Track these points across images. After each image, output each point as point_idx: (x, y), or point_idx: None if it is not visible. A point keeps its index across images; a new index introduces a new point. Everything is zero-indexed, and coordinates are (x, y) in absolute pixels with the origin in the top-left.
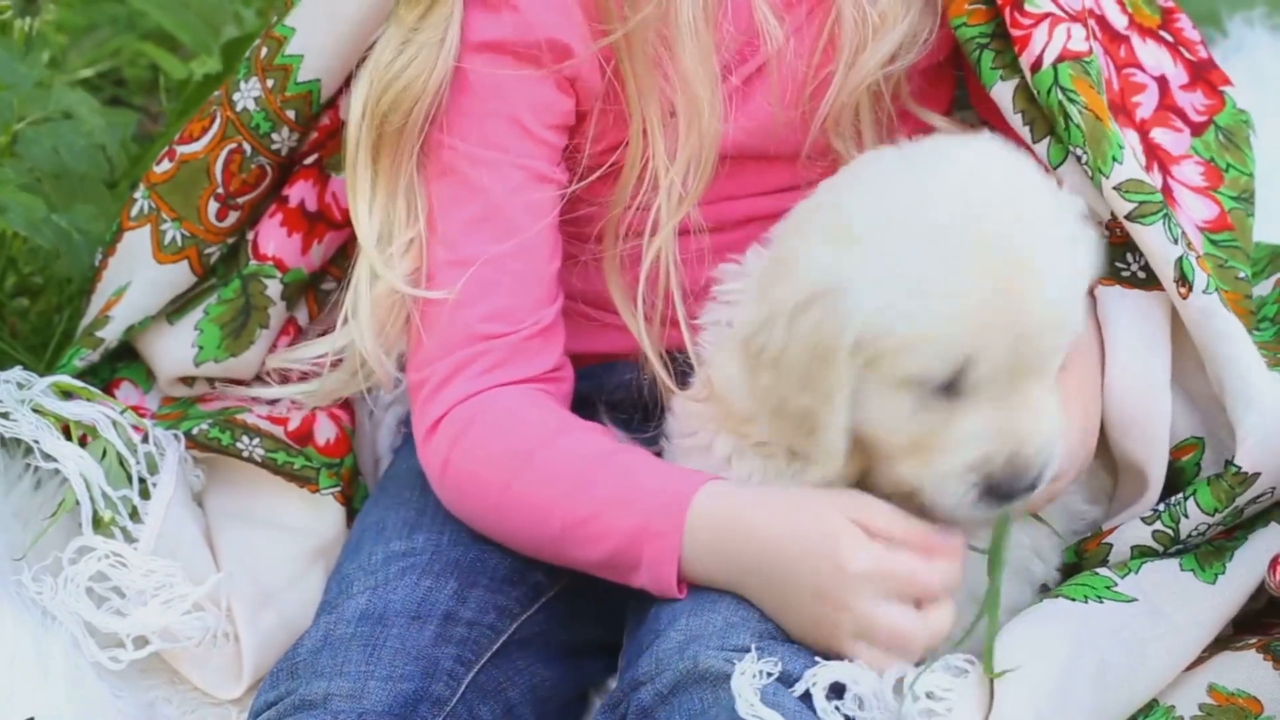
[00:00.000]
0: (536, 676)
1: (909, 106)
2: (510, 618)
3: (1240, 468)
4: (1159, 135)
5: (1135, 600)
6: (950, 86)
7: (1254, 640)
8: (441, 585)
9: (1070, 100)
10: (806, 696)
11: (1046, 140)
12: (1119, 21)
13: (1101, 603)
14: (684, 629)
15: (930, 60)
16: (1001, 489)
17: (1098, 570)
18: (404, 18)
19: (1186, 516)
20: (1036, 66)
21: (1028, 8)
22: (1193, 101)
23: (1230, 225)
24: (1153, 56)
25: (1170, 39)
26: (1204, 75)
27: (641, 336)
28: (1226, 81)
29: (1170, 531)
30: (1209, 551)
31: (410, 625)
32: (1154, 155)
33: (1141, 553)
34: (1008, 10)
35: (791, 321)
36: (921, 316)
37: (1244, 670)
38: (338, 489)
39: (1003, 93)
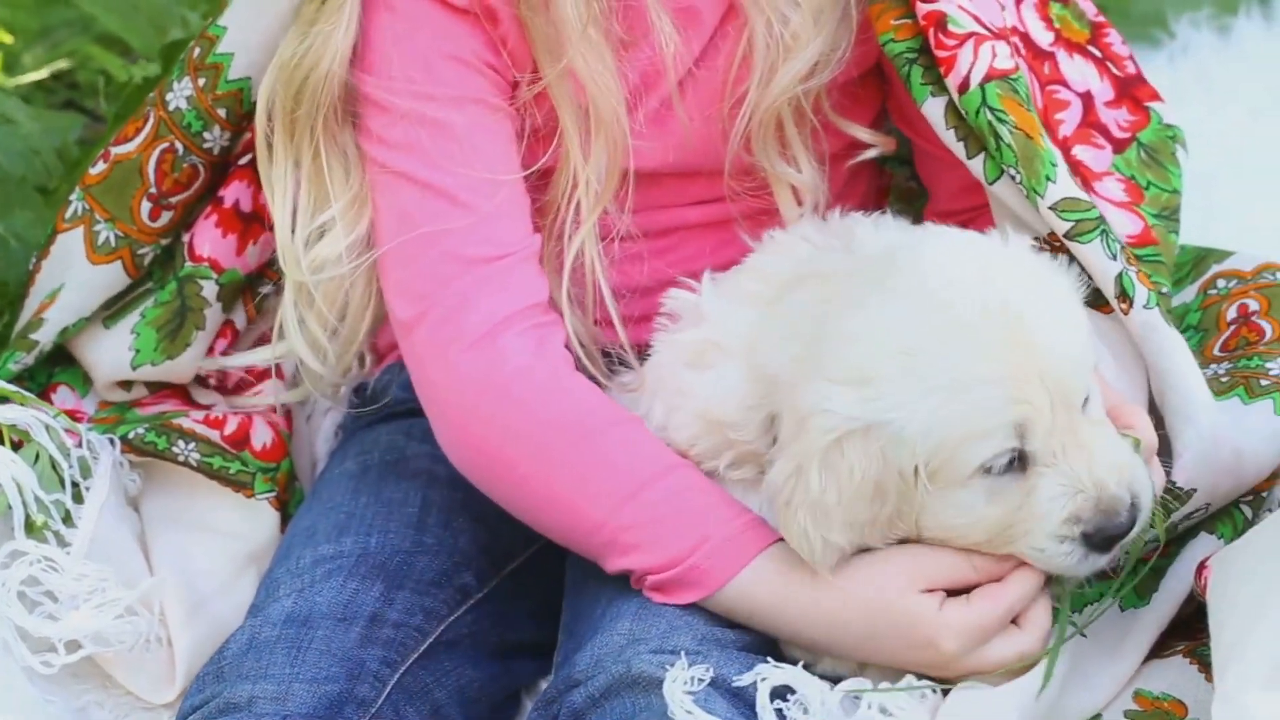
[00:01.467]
0: (464, 678)
1: (831, 119)
2: (437, 619)
3: (1176, 483)
4: (1080, 152)
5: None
6: (875, 99)
7: (1181, 646)
8: (368, 587)
9: (1000, 120)
10: (745, 697)
11: (981, 157)
12: (1043, 38)
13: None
14: (626, 631)
15: (850, 74)
16: (1104, 534)
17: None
18: (304, 12)
19: None
20: (964, 87)
21: (951, 28)
22: (1117, 118)
23: (1154, 239)
24: (1079, 72)
25: (1098, 54)
26: (1130, 91)
27: (572, 336)
28: (1155, 97)
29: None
30: (1148, 578)
31: (336, 627)
32: (1077, 172)
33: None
34: (931, 31)
35: (828, 465)
36: (970, 412)
37: (1170, 675)
38: (273, 494)
39: (933, 109)
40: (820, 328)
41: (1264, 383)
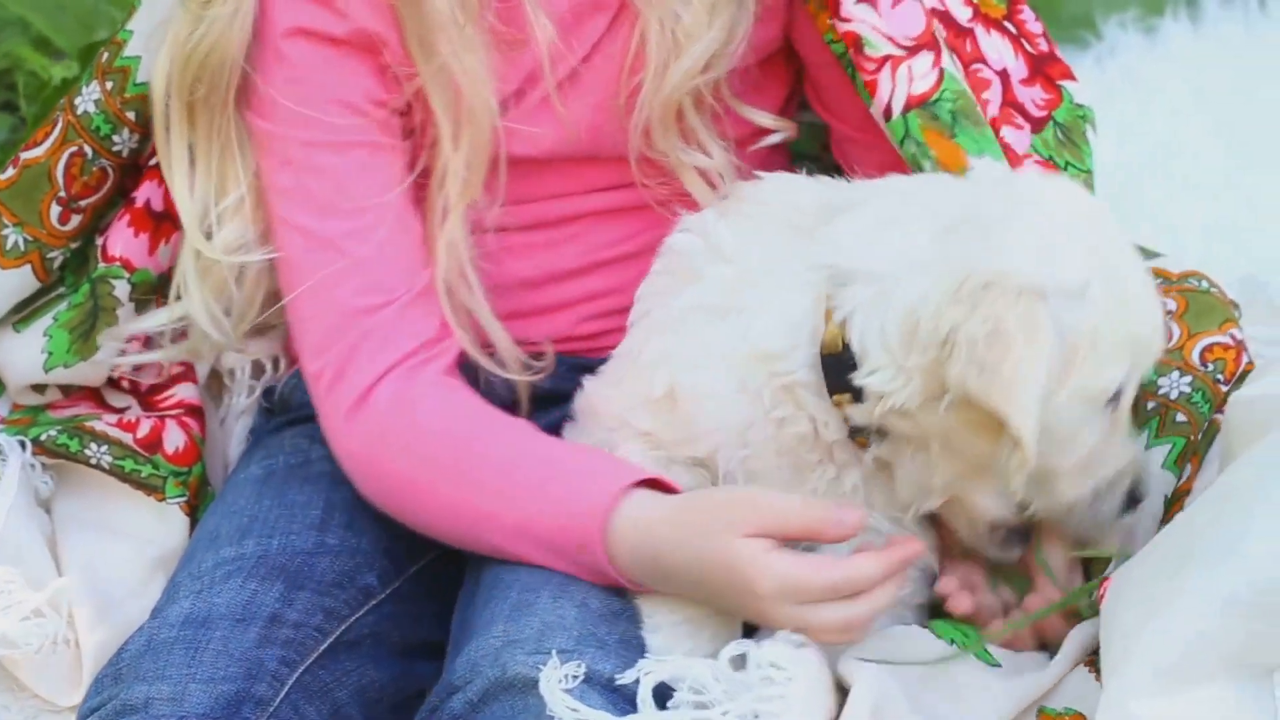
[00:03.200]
0: (366, 677)
1: (732, 105)
2: (338, 619)
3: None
4: (1006, 134)
5: (999, 665)
6: (781, 84)
7: (1085, 658)
8: (267, 589)
9: (924, 155)
10: (624, 692)
11: None
12: (962, 14)
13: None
14: (500, 634)
15: (750, 61)
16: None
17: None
18: (189, 2)
19: None
20: (888, 115)
21: (868, 51)
22: (1032, 96)
23: None
24: (996, 50)
25: (1013, 30)
26: (1043, 69)
27: (470, 348)
28: (1067, 75)
29: None
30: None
31: (234, 628)
32: (1007, 155)
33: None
34: (852, 53)
35: (1025, 321)
36: (1136, 330)
37: (1073, 688)
38: (183, 499)
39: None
40: (944, 224)
41: (1150, 405)
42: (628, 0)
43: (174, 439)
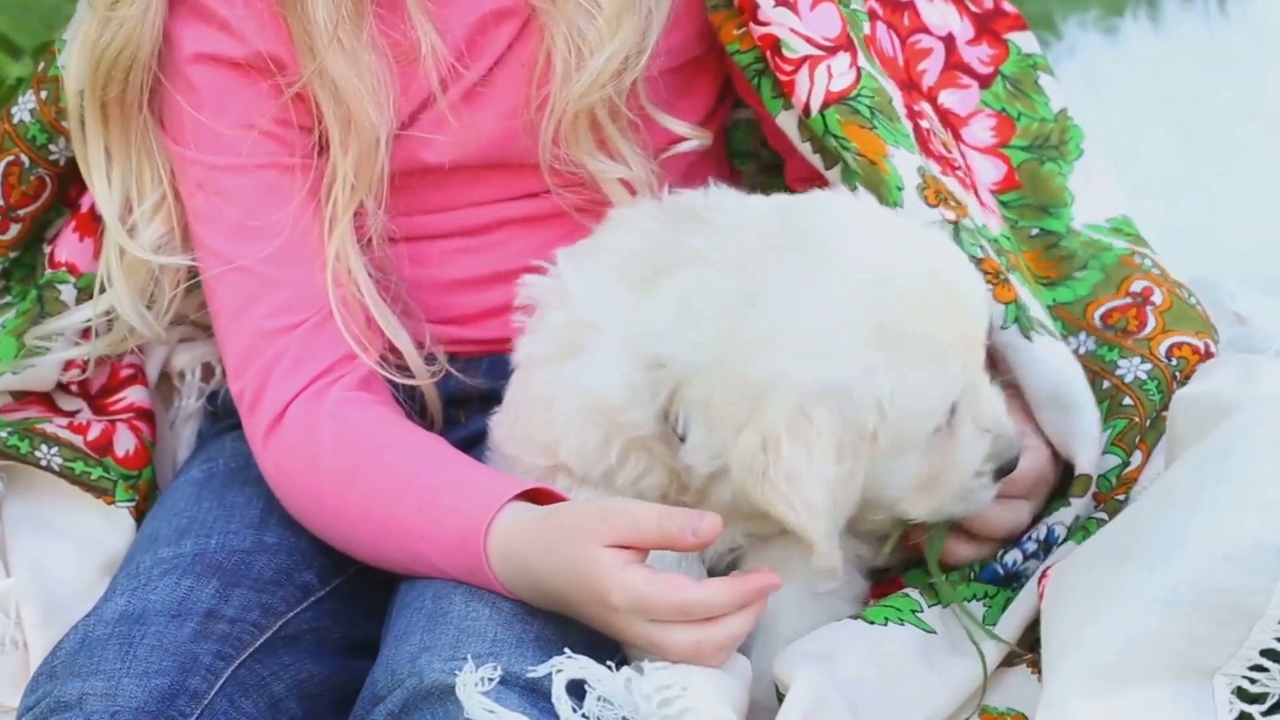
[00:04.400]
0: (304, 672)
1: (652, 114)
2: (276, 615)
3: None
4: (946, 98)
5: (934, 633)
6: (711, 85)
7: (1028, 655)
8: (203, 585)
9: (844, 148)
10: (541, 691)
11: (839, 166)
12: None
13: (902, 625)
14: (418, 642)
15: (669, 66)
16: (1006, 466)
17: (908, 591)
18: (96, 4)
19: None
20: (806, 113)
21: (785, 53)
22: (979, 54)
23: (1018, 183)
24: (939, 15)
25: None
26: (989, 26)
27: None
28: (1013, 27)
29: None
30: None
31: (169, 623)
32: (946, 121)
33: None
34: (769, 54)
35: (796, 433)
36: (935, 378)
37: (1014, 688)
38: (132, 504)
39: (788, 122)
40: (741, 308)
41: (1105, 385)
42: (535, 11)
43: (124, 442)
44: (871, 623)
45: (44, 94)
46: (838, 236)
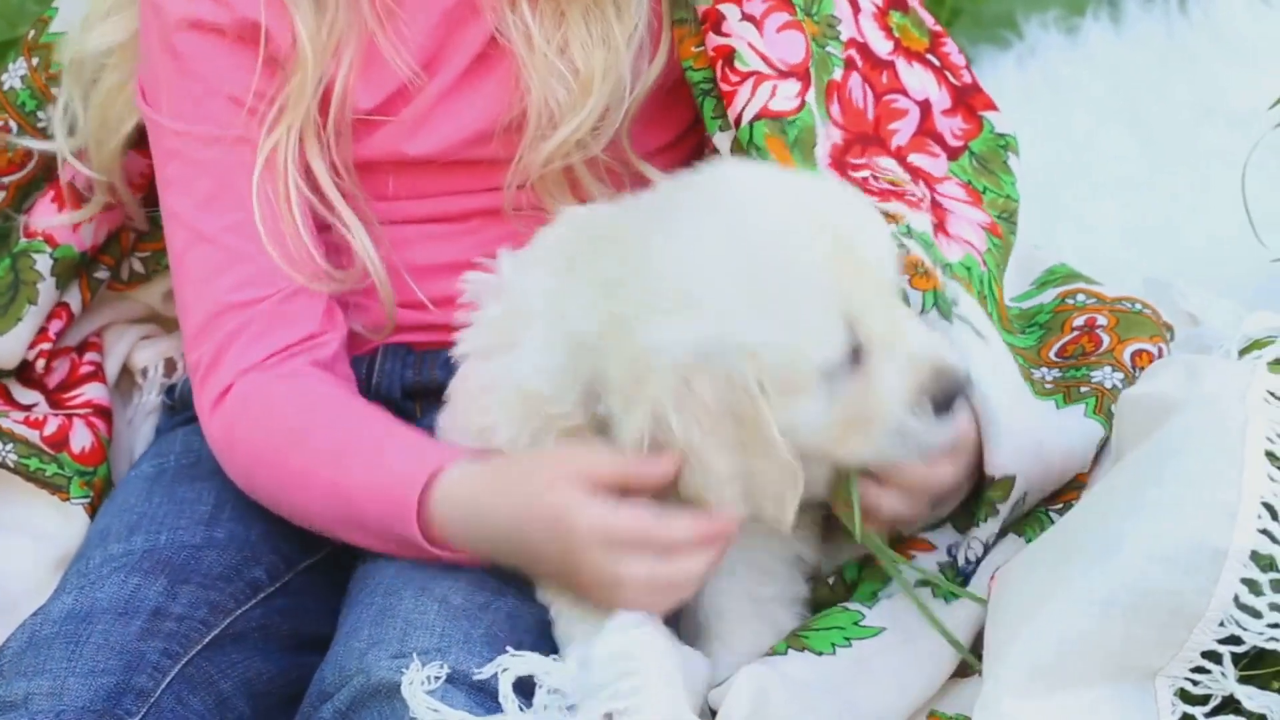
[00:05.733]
0: (252, 670)
1: (630, 157)
2: (224, 613)
3: (994, 476)
4: (917, 159)
5: (884, 630)
6: (678, 118)
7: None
8: (151, 583)
9: (762, 158)
10: (488, 689)
11: None
12: (883, 48)
13: (849, 645)
14: (366, 638)
15: (646, 98)
16: (949, 395)
17: (847, 605)
18: None
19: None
20: (737, 123)
21: (737, 65)
22: (952, 126)
23: (999, 233)
24: (919, 80)
25: (937, 63)
26: (965, 100)
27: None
28: (989, 106)
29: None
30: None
31: (116, 621)
32: (917, 175)
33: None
34: (719, 66)
35: (683, 405)
36: (803, 314)
37: (966, 695)
38: (87, 501)
39: (722, 142)
40: (630, 277)
41: (1083, 389)
42: (513, 57)
43: (81, 439)
44: (820, 653)
45: (35, 60)
46: (717, 190)
